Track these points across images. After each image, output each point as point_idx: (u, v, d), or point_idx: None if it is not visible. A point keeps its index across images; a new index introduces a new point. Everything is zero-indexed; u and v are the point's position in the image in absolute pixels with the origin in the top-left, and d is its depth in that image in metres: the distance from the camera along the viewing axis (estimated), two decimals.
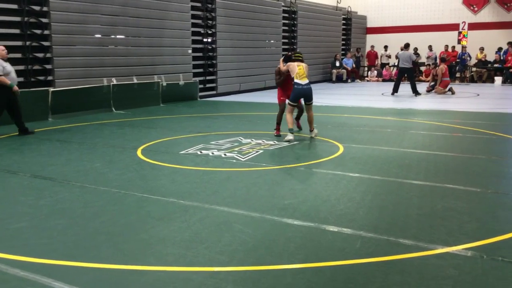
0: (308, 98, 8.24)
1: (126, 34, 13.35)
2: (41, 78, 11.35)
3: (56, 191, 5.37)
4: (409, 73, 16.85)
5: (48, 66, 11.43)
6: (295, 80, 8.14)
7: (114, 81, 12.65)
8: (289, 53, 8.97)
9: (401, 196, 5.10)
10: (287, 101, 8.43)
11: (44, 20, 11.24)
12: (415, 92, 16.59)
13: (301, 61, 8.39)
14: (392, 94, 16.81)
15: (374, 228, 4.15)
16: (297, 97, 8.24)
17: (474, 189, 5.31)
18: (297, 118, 9.19)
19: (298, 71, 8.14)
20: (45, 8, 11.22)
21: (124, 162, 6.78)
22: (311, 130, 8.41)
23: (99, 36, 12.64)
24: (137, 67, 13.55)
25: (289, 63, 8.33)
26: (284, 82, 8.67)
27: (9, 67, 8.72)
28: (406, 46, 16.98)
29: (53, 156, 7.21)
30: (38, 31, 11.17)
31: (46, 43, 11.31)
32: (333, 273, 3.34)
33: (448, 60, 21.58)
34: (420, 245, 3.76)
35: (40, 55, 11.24)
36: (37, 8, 11.10)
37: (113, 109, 12.54)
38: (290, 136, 8.08)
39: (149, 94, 13.68)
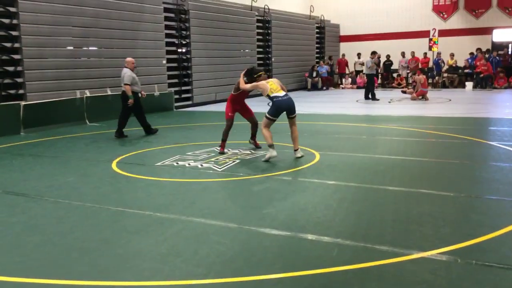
0: (291, 110, 7.36)
1: (99, 46, 13.23)
2: (12, 92, 11.15)
3: (29, 207, 5.26)
4: (368, 78, 17.83)
5: (19, 80, 11.23)
6: (273, 94, 7.25)
7: (87, 93, 12.50)
8: (253, 68, 8.08)
9: (377, 203, 5.15)
10: (265, 114, 7.36)
11: (14, 33, 11.06)
12: (365, 97, 17.43)
13: (268, 77, 7.71)
14: (374, 99, 17.18)
15: (351, 235, 4.18)
16: (278, 110, 7.28)
17: (447, 194, 5.40)
18: (253, 137, 8.40)
19: (270, 87, 7.29)
20: (15, 21, 11.04)
21: (98, 175, 6.69)
22: (295, 150, 7.43)
23: (71, 48, 12.49)
24: (111, 78, 13.40)
25: (257, 83, 7.42)
26: (238, 95, 8.02)
27: (136, 77, 10.05)
28: (372, 53, 17.83)
29: (26, 171, 7.07)
30: (8, 44, 10.98)
31: (16, 56, 11.12)
32: (311, 282, 3.34)
33: (416, 66, 22.04)
34: (396, 251, 3.80)
35: (11, 68, 11.04)
36: (6, 21, 10.92)
37: (87, 121, 12.37)
38: (273, 153, 7.23)
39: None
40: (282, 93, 7.35)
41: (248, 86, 7.58)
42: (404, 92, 18.33)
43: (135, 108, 10.08)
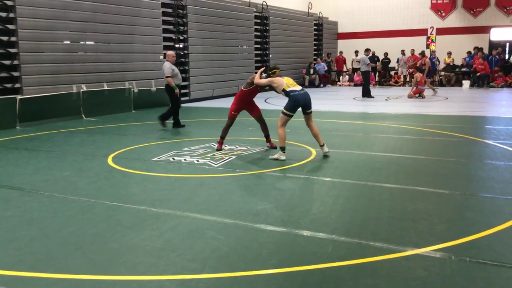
0: (308, 105, 7.21)
1: (96, 40, 13.19)
2: (8, 85, 11.11)
3: (24, 201, 5.25)
4: (363, 76, 17.90)
5: (16, 74, 11.19)
6: (289, 89, 7.15)
7: (84, 88, 12.47)
8: (269, 66, 8.05)
9: (372, 199, 5.16)
10: (282, 110, 7.20)
11: (11, 26, 11.01)
12: (363, 94, 17.55)
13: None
14: (369, 97, 17.27)
15: (346, 232, 4.19)
16: (295, 105, 7.12)
17: (443, 191, 5.41)
18: (267, 138, 8.11)
19: (287, 82, 7.26)
20: (11, 15, 10.99)
21: (94, 170, 6.67)
22: (322, 145, 7.34)
23: (68, 42, 12.45)
24: (108, 73, 13.38)
25: (273, 79, 7.34)
26: (248, 92, 7.81)
27: (176, 69, 10.46)
28: (366, 50, 18.04)
29: (21, 165, 7.05)
30: (5, 38, 10.93)
31: (13, 50, 11.07)
32: (305, 278, 3.35)
33: (414, 64, 22.11)
34: (391, 248, 3.81)
35: (7, 62, 11.00)
36: (3, 14, 10.86)
37: (83, 116, 12.35)
38: (282, 156, 7.09)
39: (120, 100, 13.52)
40: (298, 88, 7.26)
41: (264, 81, 7.44)
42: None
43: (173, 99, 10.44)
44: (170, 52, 10.72)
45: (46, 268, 3.53)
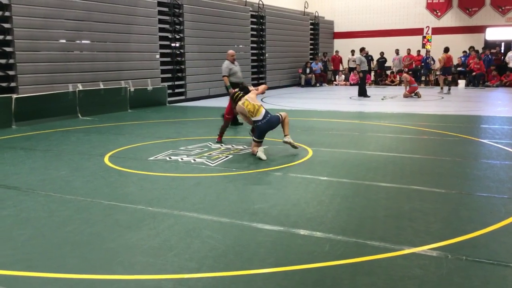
0: (274, 126, 7.48)
1: (92, 39, 13.15)
2: (4, 84, 11.07)
3: (20, 201, 5.23)
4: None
5: (11, 72, 11.15)
6: (253, 119, 7.37)
7: (80, 87, 12.44)
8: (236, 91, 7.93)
9: (369, 198, 5.17)
10: (253, 138, 7.50)
11: (6, 25, 10.97)
12: (359, 94, 17.59)
13: (242, 95, 7.61)
14: (365, 96, 17.32)
15: (343, 231, 4.20)
16: (262, 133, 7.36)
17: (439, 190, 5.43)
18: (221, 133, 8.52)
19: (247, 109, 7.35)
20: (7, 13, 10.95)
21: (90, 169, 6.66)
22: (285, 135, 7.49)
23: (64, 41, 12.41)
24: (104, 72, 13.36)
25: (237, 108, 7.56)
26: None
27: (235, 68, 10.46)
28: (361, 50, 18.03)
29: (17, 164, 7.03)
30: (0, 37, 10.88)
31: (8, 49, 11.04)
32: (302, 277, 3.36)
33: (410, 64, 22.18)
34: (387, 246, 3.82)
35: (3, 61, 10.96)
36: None
37: (79, 115, 12.32)
38: (262, 155, 7.13)
39: (116, 99, 13.49)
40: (260, 116, 7.36)
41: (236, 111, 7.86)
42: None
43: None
44: (230, 51, 10.68)
45: (42, 268, 3.52)
